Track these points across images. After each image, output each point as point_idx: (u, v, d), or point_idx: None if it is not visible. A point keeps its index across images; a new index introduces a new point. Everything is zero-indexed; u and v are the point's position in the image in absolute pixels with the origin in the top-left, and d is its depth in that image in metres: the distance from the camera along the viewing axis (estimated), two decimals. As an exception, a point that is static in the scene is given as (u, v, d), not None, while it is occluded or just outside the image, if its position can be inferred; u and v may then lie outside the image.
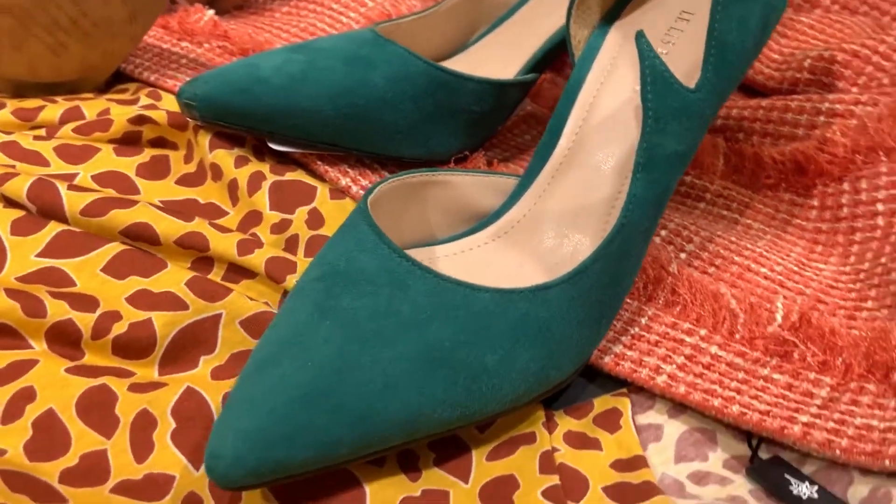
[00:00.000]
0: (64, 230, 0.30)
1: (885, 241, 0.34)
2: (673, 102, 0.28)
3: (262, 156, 0.36)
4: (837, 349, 0.28)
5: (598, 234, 0.30)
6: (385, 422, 0.23)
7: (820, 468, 0.25)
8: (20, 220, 0.30)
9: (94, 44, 0.39)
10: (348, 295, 0.25)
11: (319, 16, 0.48)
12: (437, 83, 0.34)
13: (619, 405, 0.28)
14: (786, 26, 0.44)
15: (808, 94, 0.40)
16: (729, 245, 0.35)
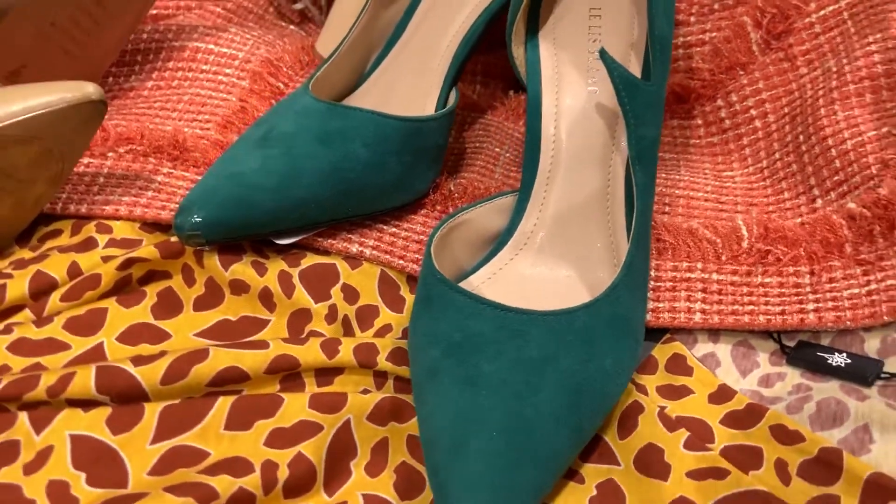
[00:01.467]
0: (164, 408, 0.28)
1: (769, 139, 0.42)
2: (642, 100, 0.32)
3: (269, 253, 0.36)
4: (798, 242, 0.36)
5: (603, 221, 0.35)
6: (564, 453, 0.27)
7: (833, 338, 0.33)
8: (112, 416, 0.28)
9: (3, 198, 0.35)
10: (483, 361, 0.28)
11: (196, 82, 0.45)
12: (409, 133, 0.36)
13: (676, 350, 0.34)
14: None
15: (659, 32, 0.47)
16: (664, 182, 0.41)
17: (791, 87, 0.42)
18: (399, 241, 0.37)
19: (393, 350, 0.32)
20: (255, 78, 0.45)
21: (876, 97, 0.38)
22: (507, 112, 0.47)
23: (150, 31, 0.47)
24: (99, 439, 0.27)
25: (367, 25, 0.41)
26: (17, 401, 0.28)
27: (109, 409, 0.28)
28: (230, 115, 0.42)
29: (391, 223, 0.38)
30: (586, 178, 0.35)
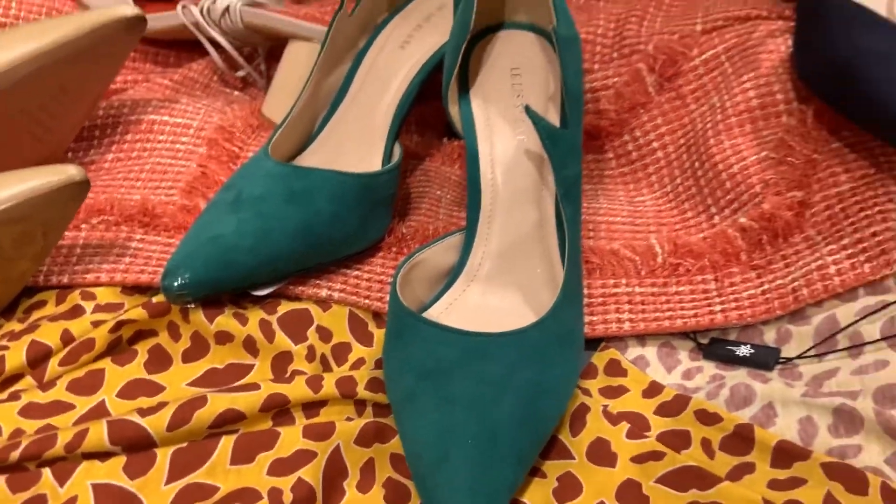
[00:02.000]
0: (174, 452, 0.31)
1: (671, 167, 0.48)
2: (563, 145, 0.38)
3: (247, 304, 0.39)
4: (702, 254, 0.42)
5: (541, 251, 0.40)
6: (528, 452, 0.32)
7: (738, 333, 0.39)
8: (127, 464, 0.31)
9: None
10: (453, 381, 0.32)
11: (155, 152, 0.48)
12: (365, 187, 0.40)
13: (612, 356, 0.39)
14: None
15: (569, 79, 0.52)
16: (586, 211, 0.47)
17: (684, 121, 0.49)
18: (363, 283, 0.41)
19: (369, 380, 0.36)
20: (212, 144, 0.48)
21: (754, 126, 0.45)
22: (443, 157, 0.51)
23: (105, 107, 0.50)
24: (118, 485, 0.30)
25: (313, 91, 0.46)
26: (38, 459, 0.31)
27: (124, 458, 0.31)
28: (192, 180, 0.46)
29: (354, 267, 0.42)
30: (522, 214, 0.40)
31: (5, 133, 0.42)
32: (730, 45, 0.48)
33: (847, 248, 0.38)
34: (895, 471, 0.30)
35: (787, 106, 0.44)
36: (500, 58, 0.43)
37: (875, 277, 0.36)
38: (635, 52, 0.51)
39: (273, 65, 0.56)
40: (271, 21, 0.51)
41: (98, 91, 0.45)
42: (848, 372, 0.34)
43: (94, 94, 0.45)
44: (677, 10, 0.53)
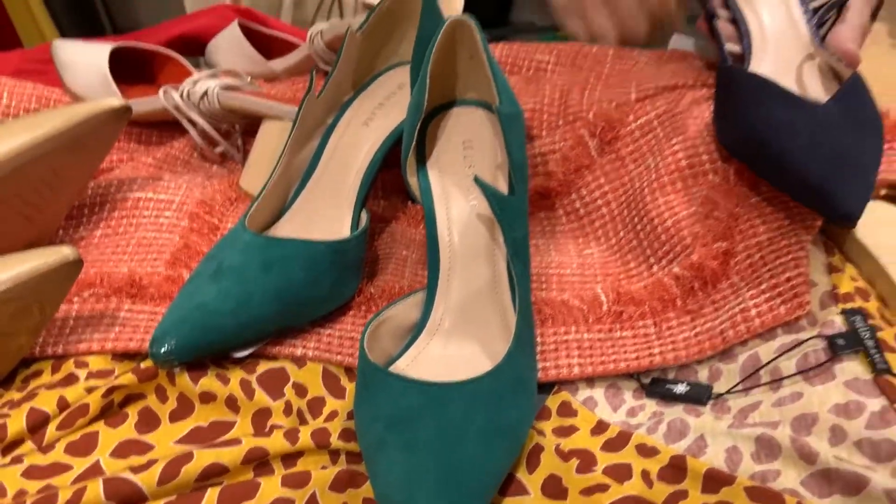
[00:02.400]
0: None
1: (614, 222, 0.53)
2: (510, 211, 0.42)
3: (228, 365, 0.42)
4: (643, 302, 0.46)
5: (495, 305, 0.44)
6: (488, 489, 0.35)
7: (676, 372, 0.43)
8: (122, 521, 0.34)
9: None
10: (418, 428, 0.35)
11: (141, 227, 0.52)
12: (336, 252, 0.44)
13: (563, 398, 0.42)
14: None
15: (520, 145, 0.57)
16: (539, 265, 0.51)
17: (624, 180, 0.53)
18: (335, 341, 0.44)
19: (342, 431, 0.39)
20: (193, 217, 0.52)
21: (684, 184, 0.49)
22: (408, 219, 0.55)
23: (93, 187, 0.53)
24: (115, 538, 0.33)
25: (285, 166, 0.49)
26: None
27: (118, 517, 0.34)
28: (175, 252, 0.49)
29: (327, 326, 0.45)
30: (477, 272, 0.44)
31: (2, 215, 0.45)
32: (660, 111, 0.53)
33: (765, 293, 0.42)
34: (809, 492, 0.34)
35: (713, 165, 0.49)
36: (453, 132, 0.47)
37: (790, 318, 0.40)
38: (578, 119, 0.56)
39: (249, 140, 0.60)
40: (246, 103, 0.55)
41: (87, 174, 0.49)
42: (769, 404, 0.38)
43: (83, 177, 0.49)
44: (615, 80, 0.58)
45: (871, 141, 0.42)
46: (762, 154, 0.43)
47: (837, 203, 0.38)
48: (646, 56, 0.61)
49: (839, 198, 0.38)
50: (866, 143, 0.41)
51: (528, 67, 0.64)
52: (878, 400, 0.35)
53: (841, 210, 0.38)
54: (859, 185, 0.39)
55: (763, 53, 0.51)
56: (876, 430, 0.34)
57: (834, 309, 0.40)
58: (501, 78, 0.45)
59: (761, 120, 0.43)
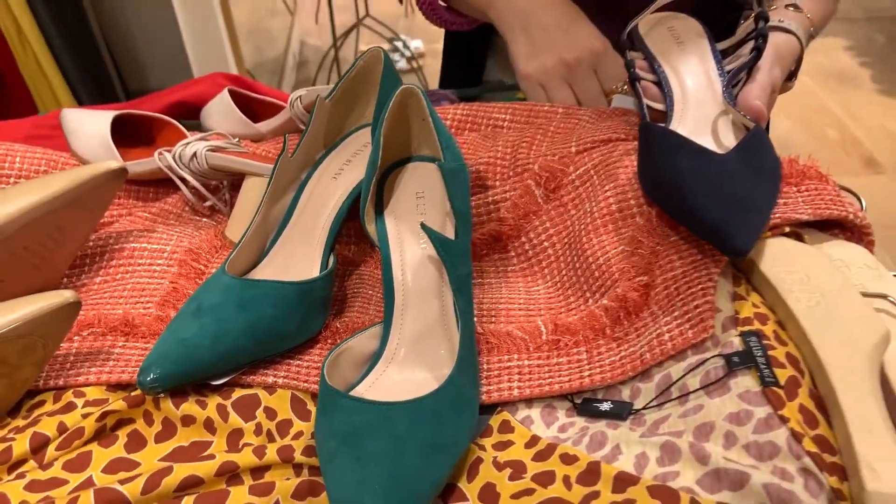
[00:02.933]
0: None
1: (558, 262, 0.58)
2: (453, 252, 0.47)
3: (206, 392, 0.47)
4: (577, 332, 0.51)
5: (443, 335, 0.49)
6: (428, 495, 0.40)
7: (604, 392, 0.48)
8: (109, 524, 0.39)
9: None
10: (366, 442, 0.40)
11: (136, 273, 0.58)
12: (303, 292, 0.50)
13: (504, 417, 0.47)
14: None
15: (477, 194, 0.63)
16: (490, 301, 0.56)
17: (567, 223, 0.59)
18: (303, 370, 0.50)
19: (305, 447, 0.44)
20: (182, 264, 0.57)
21: (615, 226, 0.55)
22: (374, 263, 0.61)
23: (94, 239, 0.59)
24: (102, 539, 0.38)
25: (263, 218, 0.55)
26: (39, 522, 0.38)
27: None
28: (165, 295, 0.55)
29: (296, 357, 0.51)
30: (428, 307, 0.50)
31: (11, 265, 0.51)
32: (597, 162, 0.59)
33: (677, 319, 0.47)
34: (702, 489, 0.38)
35: (639, 209, 0.55)
36: (408, 184, 0.53)
37: (696, 340, 0.45)
38: (526, 170, 0.62)
39: (236, 194, 0.66)
40: (230, 162, 0.62)
41: (89, 228, 0.55)
42: (676, 416, 0.43)
43: (85, 231, 0.55)
44: (559, 136, 0.64)
45: (767, 186, 0.48)
46: (670, 197, 0.48)
47: (730, 240, 0.44)
48: (589, 114, 0.67)
49: (731, 235, 0.44)
50: (762, 188, 0.47)
51: (486, 125, 0.70)
52: (765, 408, 0.40)
53: (732, 246, 0.44)
54: (750, 225, 0.44)
55: (684, 111, 0.57)
56: (761, 434, 0.39)
57: (734, 332, 0.45)
58: (447, 137, 0.51)
59: (669, 167, 0.48)
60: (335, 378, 0.46)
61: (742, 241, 0.43)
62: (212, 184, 0.67)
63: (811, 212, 0.51)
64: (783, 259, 0.48)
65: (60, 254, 0.54)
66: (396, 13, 3.31)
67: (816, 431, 0.39)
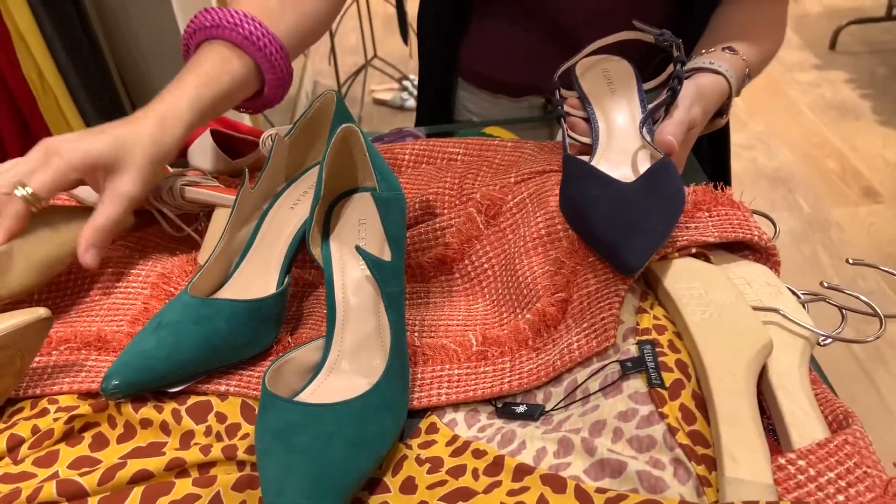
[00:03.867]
0: (99, 498, 0.45)
1: (496, 281, 0.64)
2: (386, 271, 0.53)
3: (163, 398, 0.53)
4: (504, 343, 0.56)
5: (378, 346, 0.54)
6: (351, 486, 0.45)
7: (522, 396, 0.53)
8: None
9: (-19, 389, 0.52)
10: (295, 437, 0.46)
11: (112, 294, 0.64)
12: (254, 309, 0.55)
13: (432, 420, 0.52)
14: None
15: (426, 221, 0.69)
16: (433, 317, 0.61)
17: (505, 247, 0.64)
18: (253, 379, 0.55)
19: (248, 447, 0.49)
20: (153, 287, 0.64)
21: (544, 249, 0.60)
22: (333, 286, 0.67)
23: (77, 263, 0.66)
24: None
25: (226, 243, 0.62)
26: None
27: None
28: (137, 314, 0.61)
29: (248, 367, 0.56)
30: (365, 322, 0.55)
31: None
32: (532, 191, 0.65)
33: (585, 330, 0.52)
34: (588, 477, 0.43)
35: (565, 233, 0.60)
36: (352, 212, 0.59)
37: (600, 349, 0.50)
38: (470, 199, 0.68)
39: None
40: (201, 195, 0.68)
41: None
42: (577, 415, 0.48)
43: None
44: (503, 168, 0.70)
45: (664, 212, 0.53)
46: (579, 220, 0.54)
47: (621, 257, 0.49)
48: (532, 147, 0.73)
49: (624, 254, 0.49)
50: (658, 213, 0.52)
51: (441, 158, 0.76)
52: (648, 407, 0.45)
53: (623, 263, 0.49)
54: (642, 247, 0.50)
55: (608, 146, 0.63)
56: (642, 429, 0.44)
57: (632, 340, 0.50)
58: (382, 170, 0.57)
59: (578, 193, 0.54)
60: (279, 385, 0.51)
61: (631, 259, 0.49)
62: (190, 214, 0.73)
63: (718, 234, 0.57)
64: (685, 276, 0.54)
65: None
66: (404, 53, 3.43)
67: (693, 427, 0.44)
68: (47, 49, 1.82)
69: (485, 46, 0.92)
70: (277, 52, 0.66)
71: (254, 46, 0.64)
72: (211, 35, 0.65)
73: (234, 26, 0.63)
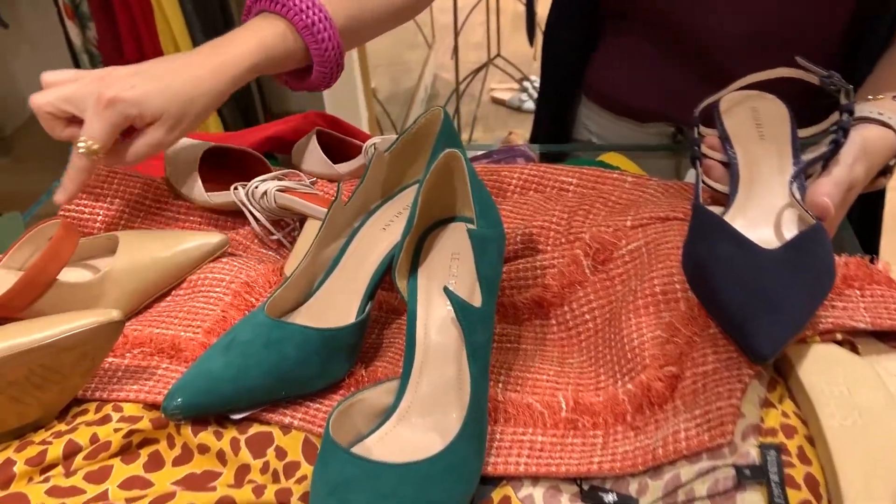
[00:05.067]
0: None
1: (597, 336, 0.57)
2: (473, 318, 0.48)
3: (225, 423, 0.50)
4: (598, 413, 0.49)
5: (457, 401, 0.49)
6: None
7: (613, 482, 0.46)
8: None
9: (50, 387, 0.51)
10: (352, 494, 0.41)
11: (194, 297, 0.62)
12: (327, 338, 0.52)
13: (505, 492, 0.46)
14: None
15: (526, 257, 0.63)
16: (521, 367, 0.56)
17: (611, 298, 0.58)
18: (320, 414, 0.51)
19: (303, 494, 0.45)
20: (236, 295, 0.61)
21: (656, 309, 0.53)
22: (419, 315, 0.62)
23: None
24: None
25: (311, 260, 0.58)
26: (47, 526, 0.42)
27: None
28: (214, 323, 0.58)
29: (316, 400, 0.52)
30: (445, 369, 0.50)
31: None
32: (650, 239, 0.58)
33: (697, 418, 0.45)
34: None
35: (683, 294, 0.53)
36: (445, 244, 0.55)
37: (712, 445, 0.43)
38: (578, 239, 0.61)
39: (305, 231, 0.70)
40: (295, 204, 0.65)
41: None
42: (675, 522, 0.41)
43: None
44: (619, 207, 0.63)
45: (810, 288, 0.45)
46: (703, 284, 0.46)
47: (752, 342, 0.41)
48: (655, 186, 0.65)
49: (754, 338, 0.41)
50: (802, 289, 0.44)
51: (552, 187, 0.70)
52: (765, 532, 0.37)
53: (752, 347, 0.41)
54: (778, 329, 0.42)
55: (748, 198, 0.55)
56: (755, 560, 0.37)
57: (753, 441, 0.42)
58: (483, 203, 0.51)
59: (705, 252, 0.47)
60: (346, 427, 0.47)
61: (762, 346, 0.41)
62: (283, 220, 0.71)
63: (870, 320, 0.48)
64: (826, 368, 0.45)
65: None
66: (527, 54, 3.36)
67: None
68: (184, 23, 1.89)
69: (613, 66, 0.85)
70: (334, 48, 0.66)
71: (312, 38, 0.65)
72: (276, 10, 0.64)
73: (299, 11, 0.63)
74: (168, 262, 0.63)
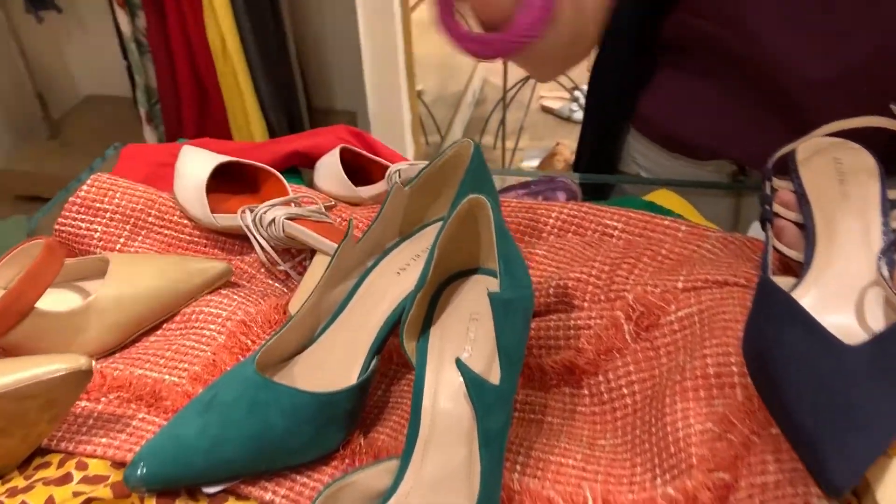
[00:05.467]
0: None
1: (635, 415, 0.49)
2: (489, 398, 0.40)
3: (198, 495, 0.44)
4: (630, 518, 0.42)
5: (465, 487, 0.42)
6: None
7: None
8: None
9: (14, 432, 0.45)
10: None
11: (185, 335, 0.56)
12: (321, 403, 0.45)
13: None
14: (527, 258, 0.60)
15: (559, 313, 0.55)
16: (543, 447, 0.48)
17: (654, 372, 0.50)
18: (307, 491, 0.45)
19: (276, 593, 0.39)
20: (230, 335, 0.55)
21: (707, 394, 0.45)
22: (433, 371, 0.55)
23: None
24: None
25: (315, 303, 0.52)
26: None
27: None
28: (201, 369, 0.52)
29: (304, 473, 0.46)
30: (454, 450, 0.43)
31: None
32: (704, 307, 0.49)
33: (751, 547, 0.37)
34: None
35: (741, 379, 0.44)
36: (464, 301, 0.47)
37: (769, 585, 0.35)
38: (620, 297, 0.53)
39: (316, 263, 0.63)
40: (303, 235, 0.59)
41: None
42: None
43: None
44: (669, 263, 0.55)
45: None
46: (762, 374, 0.38)
47: (825, 468, 0.33)
48: (713, 239, 0.57)
49: (829, 463, 0.33)
50: (891, 402, 0.36)
51: (593, 230, 0.62)
52: None
53: (824, 475, 0.33)
54: (860, 457, 0.34)
55: (824, 270, 0.46)
56: None
57: (821, 587, 0.34)
58: (509, 259, 0.44)
59: (771, 339, 0.39)
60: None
61: (837, 475, 0.33)
62: (292, 249, 0.64)
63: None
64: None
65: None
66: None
67: None
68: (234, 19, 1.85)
69: (667, 98, 0.76)
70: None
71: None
72: None
73: None
74: (161, 293, 0.57)
